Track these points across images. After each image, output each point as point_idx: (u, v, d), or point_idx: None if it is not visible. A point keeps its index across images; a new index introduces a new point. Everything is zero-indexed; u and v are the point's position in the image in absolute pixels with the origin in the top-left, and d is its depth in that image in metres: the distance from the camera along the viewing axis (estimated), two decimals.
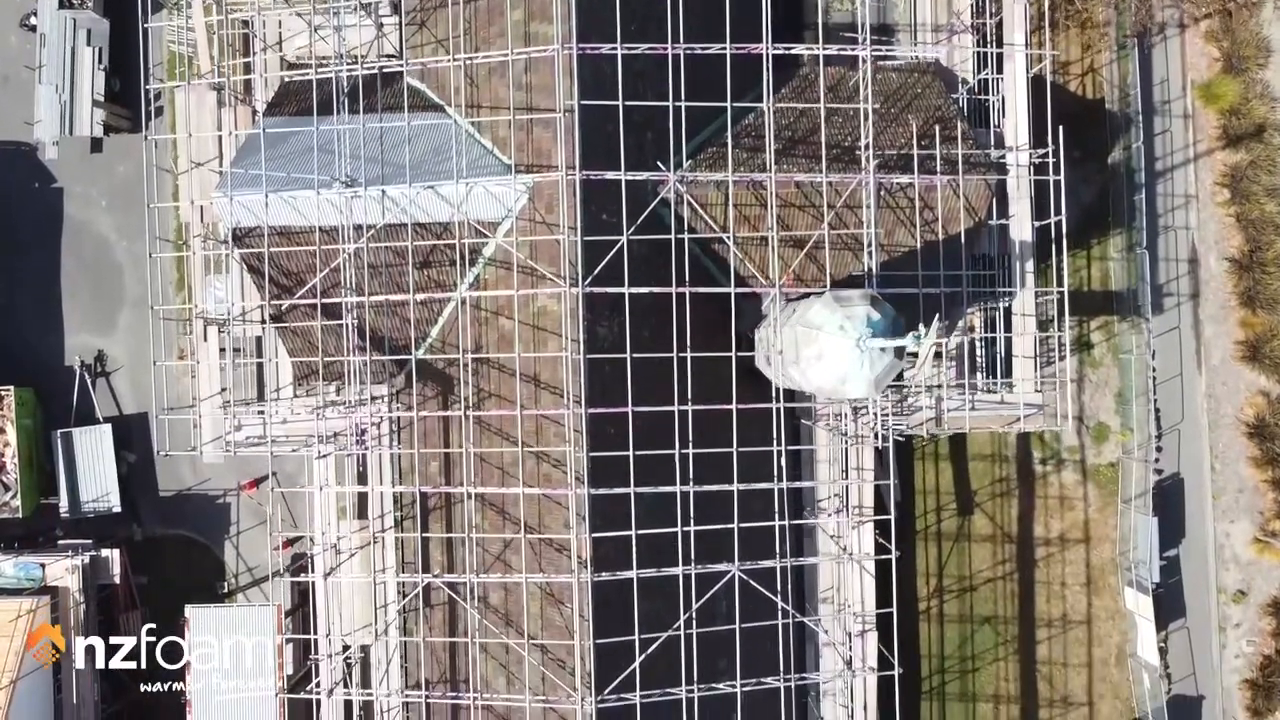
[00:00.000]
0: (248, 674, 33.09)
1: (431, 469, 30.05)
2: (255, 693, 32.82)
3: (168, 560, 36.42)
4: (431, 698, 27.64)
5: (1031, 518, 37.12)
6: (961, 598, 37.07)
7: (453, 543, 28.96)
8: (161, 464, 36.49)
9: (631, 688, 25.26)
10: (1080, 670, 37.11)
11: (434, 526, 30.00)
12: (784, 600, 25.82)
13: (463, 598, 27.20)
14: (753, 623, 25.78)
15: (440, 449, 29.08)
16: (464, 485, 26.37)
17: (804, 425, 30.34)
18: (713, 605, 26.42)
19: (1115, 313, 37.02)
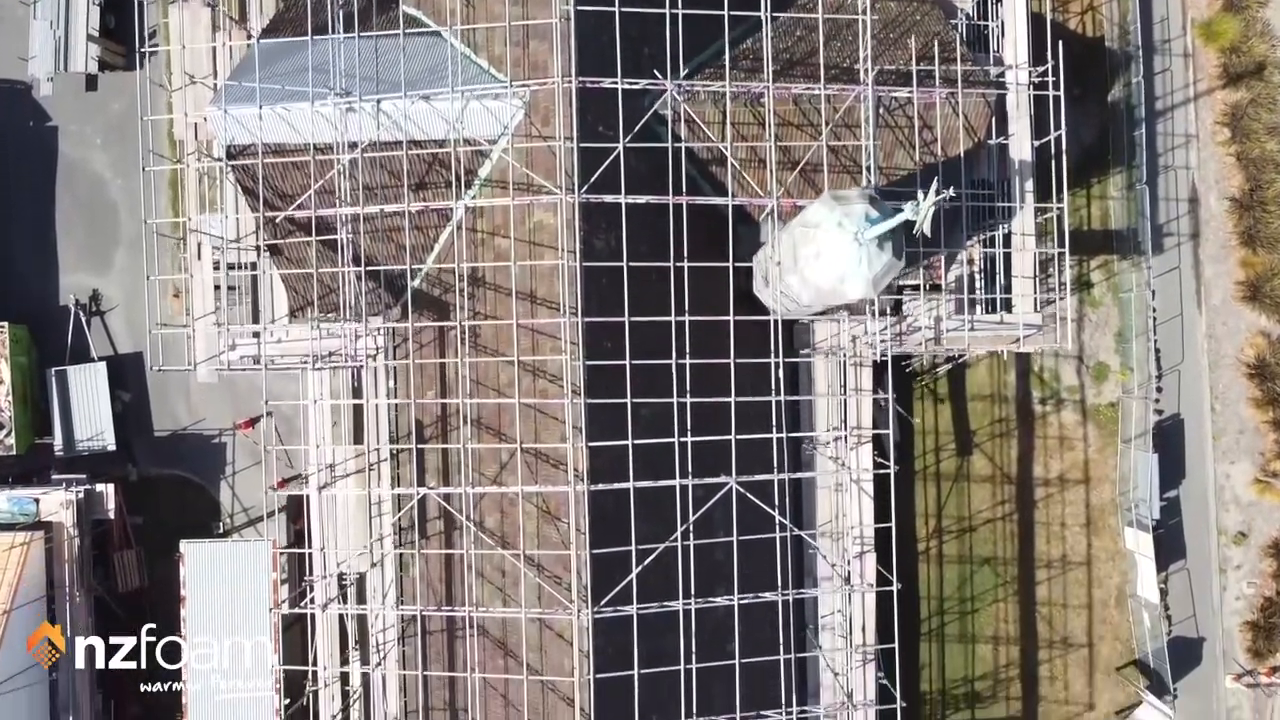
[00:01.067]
0: (243, 609, 32.86)
1: (428, 397, 29.94)
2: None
3: (163, 500, 36.19)
4: (426, 611, 27.42)
5: (1031, 458, 36.93)
6: (961, 539, 36.88)
7: (449, 465, 28.78)
8: (156, 404, 36.34)
9: (628, 601, 25.06)
10: (1080, 611, 36.92)
11: (430, 456, 29.90)
12: (781, 514, 25.65)
13: (458, 510, 26.96)
14: (750, 535, 25.57)
15: (436, 376, 29.01)
16: (459, 397, 26.13)
17: (802, 360, 30.17)
18: (710, 524, 26.25)
19: (1115, 252, 36.83)
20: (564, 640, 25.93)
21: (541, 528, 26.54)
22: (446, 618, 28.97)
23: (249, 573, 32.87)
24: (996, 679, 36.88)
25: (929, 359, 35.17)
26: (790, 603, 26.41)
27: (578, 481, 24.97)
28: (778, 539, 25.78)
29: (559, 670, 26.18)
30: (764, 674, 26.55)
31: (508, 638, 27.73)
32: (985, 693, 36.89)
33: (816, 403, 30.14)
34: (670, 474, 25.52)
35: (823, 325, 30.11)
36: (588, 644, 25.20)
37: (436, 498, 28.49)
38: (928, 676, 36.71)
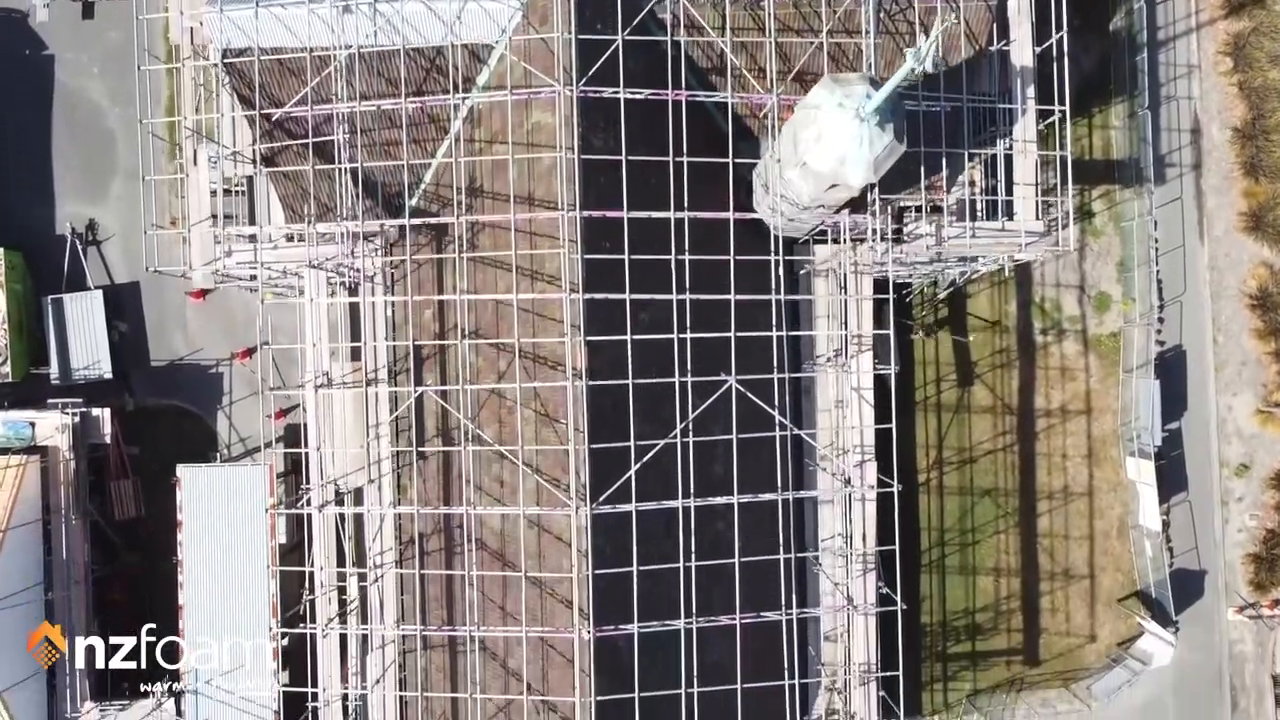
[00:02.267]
0: (239, 535, 32.67)
1: (425, 317, 29.77)
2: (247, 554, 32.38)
3: (160, 430, 36.01)
4: (424, 510, 27.25)
5: (1032, 389, 36.74)
6: (961, 470, 36.68)
7: (446, 378, 28.60)
8: (154, 334, 36.19)
9: (627, 499, 24.87)
10: (1081, 543, 36.73)
11: (427, 378, 29.74)
12: (781, 414, 25.45)
13: (457, 412, 26.76)
14: (748, 433, 25.39)
15: (434, 290, 28.89)
16: (457, 304, 25.92)
17: (801, 276, 30.02)
18: (709, 428, 26.04)
19: (1117, 181, 36.64)
20: (562, 543, 25.74)
21: (540, 431, 26.36)
22: (445, 532, 28.84)
23: (246, 498, 32.72)
24: (997, 611, 36.69)
25: (928, 284, 35.00)
26: (790, 505, 26.17)
27: (576, 378, 24.74)
28: (777, 438, 25.56)
29: (557, 571, 26.00)
30: (764, 578, 26.35)
31: (505, 548, 27.53)
32: (986, 624, 36.69)
33: (817, 320, 29.99)
34: (669, 376, 25.33)
35: (823, 248, 29.97)
36: (586, 543, 24.98)
37: (434, 398, 28.32)
38: (928, 609, 36.52)
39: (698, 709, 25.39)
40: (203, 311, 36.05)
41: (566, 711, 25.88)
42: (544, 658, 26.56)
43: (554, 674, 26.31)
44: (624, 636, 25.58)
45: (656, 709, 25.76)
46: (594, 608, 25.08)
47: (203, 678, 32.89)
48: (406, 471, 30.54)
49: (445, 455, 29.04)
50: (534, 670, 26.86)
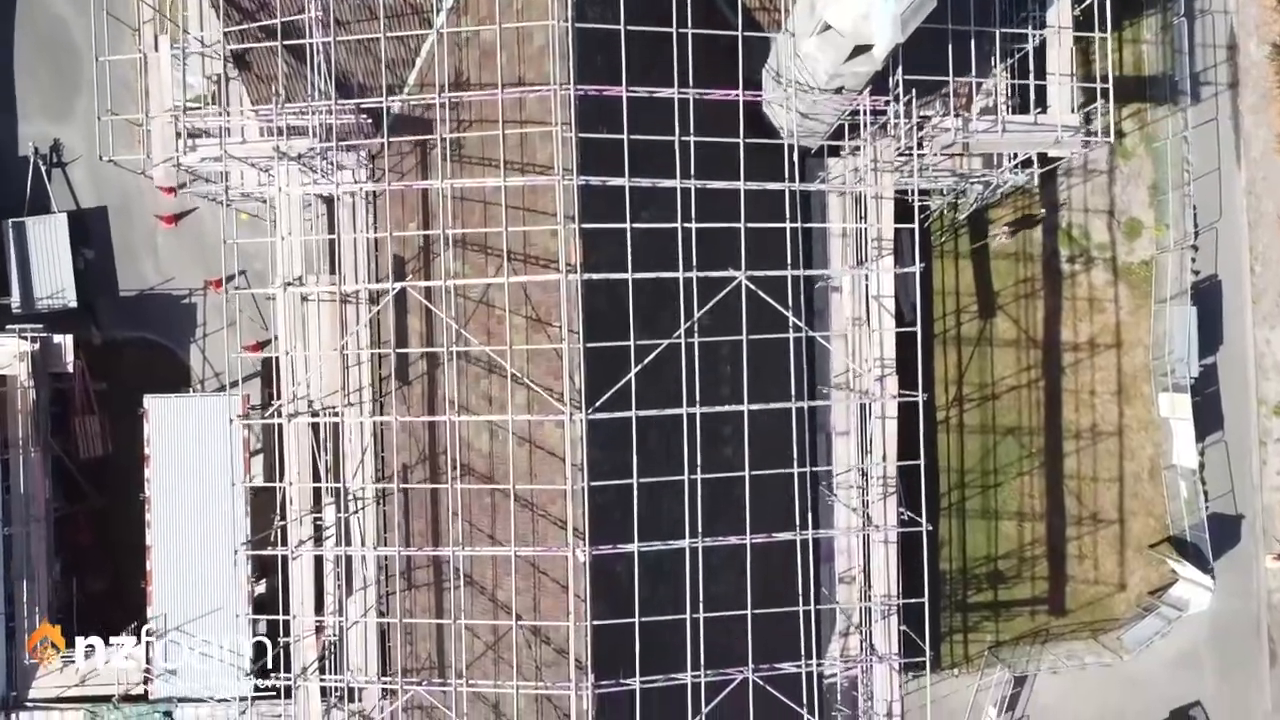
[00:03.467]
0: (212, 470, 30.45)
1: (410, 229, 27.62)
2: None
3: (128, 364, 33.77)
4: (402, 419, 25.05)
5: (1058, 321, 34.52)
6: (983, 407, 34.47)
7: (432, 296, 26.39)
8: (122, 262, 34.01)
9: (624, 406, 22.64)
10: (1111, 485, 34.50)
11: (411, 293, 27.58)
12: (796, 315, 23.23)
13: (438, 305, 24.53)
14: (760, 334, 23.16)
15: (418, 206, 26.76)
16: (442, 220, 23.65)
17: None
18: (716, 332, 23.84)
19: (1148, 99, 34.40)
20: (555, 458, 23.53)
21: (531, 338, 24.12)
22: (429, 461, 26.61)
23: (219, 430, 30.50)
24: (1021, 557, 34.49)
25: (948, 206, 32.77)
26: (805, 420, 23.95)
27: (570, 271, 22.49)
28: (790, 340, 23.34)
29: (551, 491, 23.79)
30: (775, 510, 24.13)
31: (494, 470, 25.31)
32: (1009, 572, 34.51)
33: (831, 240, 27.81)
34: (672, 281, 23.07)
35: (837, 164, 27.81)
36: (581, 455, 22.75)
37: (417, 320, 26.18)
38: (948, 555, 34.31)
39: (703, 642, 23.12)
40: (174, 238, 33.87)
41: (560, 643, 23.65)
42: (536, 586, 24.34)
43: (546, 603, 24.11)
44: (623, 561, 23.37)
45: (658, 642, 23.53)
46: (589, 527, 22.84)
47: (172, 623, 30.80)
48: (388, 400, 28.47)
49: (430, 378, 26.87)
50: (525, 601, 24.64)
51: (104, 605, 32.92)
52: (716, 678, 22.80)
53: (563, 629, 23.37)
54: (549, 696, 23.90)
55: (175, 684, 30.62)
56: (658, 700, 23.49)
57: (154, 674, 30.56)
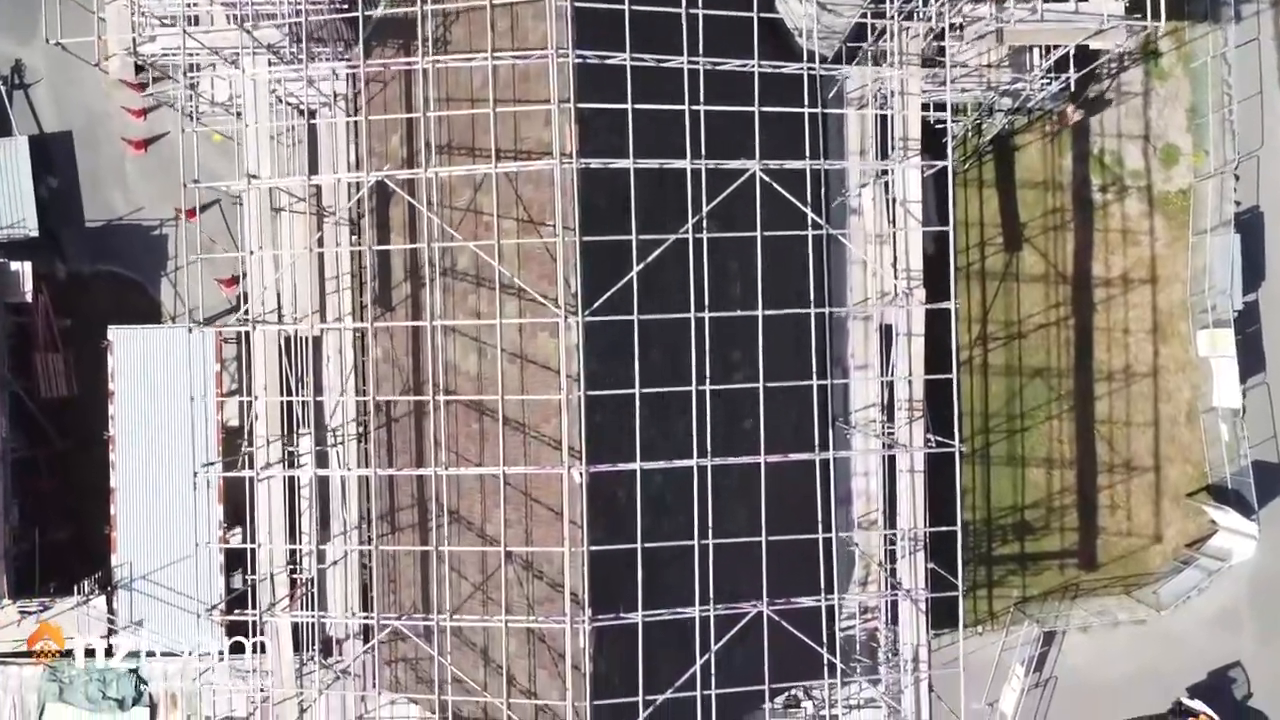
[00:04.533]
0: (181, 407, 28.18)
1: (392, 144, 25.41)
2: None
3: (95, 300, 31.54)
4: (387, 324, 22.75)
5: (1089, 254, 32.31)
6: (1008, 346, 32.27)
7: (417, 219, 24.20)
8: (88, 191, 31.80)
9: (626, 310, 20.41)
10: (1145, 430, 32.28)
11: (393, 211, 25.42)
12: (813, 211, 20.99)
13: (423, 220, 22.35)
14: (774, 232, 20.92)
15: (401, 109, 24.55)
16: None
17: None
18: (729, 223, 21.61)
19: (1186, 16, 32.11)
20: (550, 371, 21.30)
21: (524, 245, 21.88)
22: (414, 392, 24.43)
23: (188, 364, 28.27)
24: (1049, 507, 32.33)
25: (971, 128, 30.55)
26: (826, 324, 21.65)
27: (564, 159, 20.23)
28: (809, 239, 21.09)
29: (544, 409, 21.57)
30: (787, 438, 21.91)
31: (484, 392, 23.08)
32: (1037, 523, 32.34)
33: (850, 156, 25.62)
34: (676, 177, 20.85)
35: (855, 77, 25.60)
36: (577, 365, 20.51)
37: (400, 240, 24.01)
38: (971, 505, 32.07)
39: (712, 579, 20.85)
40: (144, 164, 31.64)
41: (554, 577, 21.42)
42: (528, 516, 22.13)
43: (539, 532, 21.89)
44: (624, 487, 21.15)
45: (661, 581, 21.29)
46: (586, 445, 20.60)
47: (138, 572, 28.64)
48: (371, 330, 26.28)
49: (414, 302, 24.67)
50: (516, 535, 22.43)
51: (68, 555, 30.76)
52: (727, 611, 20.57)
53: (557, 562, 21.16)
54: (542, 636, 21.69)
55: (142, 637, 28.52)
56: (659, 641, 21.25)
57: (118, 626, 28.42)
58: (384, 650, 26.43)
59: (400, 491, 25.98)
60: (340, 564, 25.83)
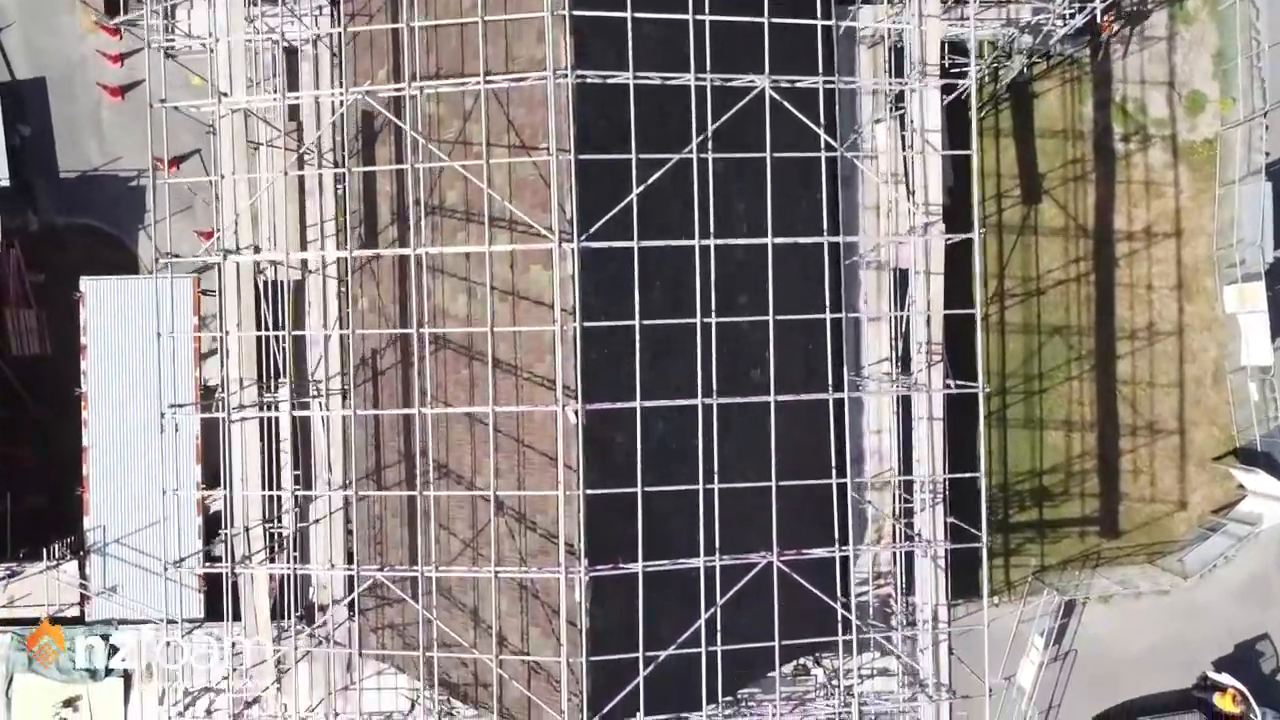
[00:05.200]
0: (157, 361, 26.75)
1: (379, 78, 23.98)
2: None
3: (70, 254, 30.09)
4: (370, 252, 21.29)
5: (1111, 207, 30.83)
6: (1026, 303, 30.81)
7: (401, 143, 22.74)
8: (63, 141, 30.38)
9: (622, 235, 18.95)
10: (1169, 391, 30.80)
11: (379, 150, 24.04)
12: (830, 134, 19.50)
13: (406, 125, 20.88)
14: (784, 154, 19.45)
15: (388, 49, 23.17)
16: None
17: None
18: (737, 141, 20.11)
19: None
20: (543, 306, 19.84)
21: (514, 168, 20.41)
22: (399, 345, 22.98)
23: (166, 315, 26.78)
24: (1069, 472, 30.84)
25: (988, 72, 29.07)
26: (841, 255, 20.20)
27: (559, 75, 18.74)
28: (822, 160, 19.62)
29: (536, 347, 20.12)
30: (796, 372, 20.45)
31: (474, 339, 21.64)
32: (1055, 489, 30.87)
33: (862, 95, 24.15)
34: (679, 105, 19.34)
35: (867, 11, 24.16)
36: (572, 296, 19.04)
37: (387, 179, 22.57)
38: (986, 470, 30.35)
39: (718, 528, 19.42)
40: (122, 113, 30.22)
41: (548, 527, 19.95)
42: (520, 465, 20.69)
43: (532, 481, 20.42)
44: (622, 430, 19.69)
45: (661, 532, 19.82)
46: (582, 383, 19.13)
47: (111, 536, 27.19)
48: (356, 278, 24.95)
49: (400, 244, 23.22)
50: (507, 483, 20.96)
51: (43, 524, 29.27)
52: (734, 562, 19.10)
53: (551, 512, 19.67)
54: (536, 592, 20.24)
55: (115, 604, 27.08)
56: (661, 602, 19.78)
57: (91, 592, 26.97)
58: (370, 618, 25.09)
59: (386, 447, 24.60)
60: (323, 523, 24.41)
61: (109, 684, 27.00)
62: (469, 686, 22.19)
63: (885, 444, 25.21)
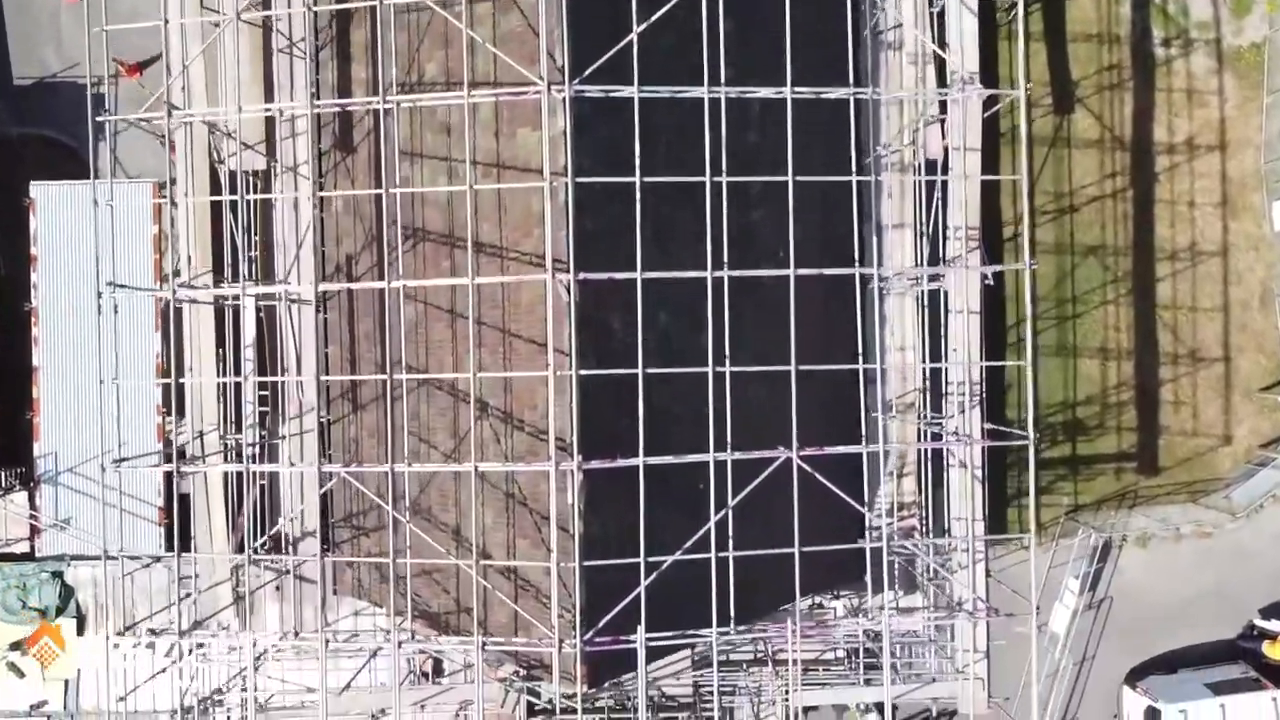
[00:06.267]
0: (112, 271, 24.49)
1: None
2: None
3: (24, 168, 27.74)
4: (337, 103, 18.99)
5: (1150, 117, 28.57)
6: (1059, 222, 28.57)
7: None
8: (17, 47, 28.18)
9: (626, 78, 16.62)
10: (1213, 316, 28.56)
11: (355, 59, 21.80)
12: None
13: None
14: None
15: None
16: None
17: None
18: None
19: None
20: (531, 173, 17.52)
21: (500, 21, 18.11)
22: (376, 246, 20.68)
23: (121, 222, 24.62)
24: (1105, 404, 28.62)
25: None
26: None
27: None
28: None
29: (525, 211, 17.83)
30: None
31: (455, 219, 19.40)
32: (1090, 421, 28.67)
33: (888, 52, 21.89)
34: None
35: None
36: (564, 153, 16.73)
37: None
38: (1015, 401, 28.32)
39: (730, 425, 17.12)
40: (80, 14, 27.78)
41: (538, 422, 17.65)
42: (506, 357, 18.39)
43: (521, 384, 18.09)
44: (620, 315, 17.43)
45: (667, 437, 17.52)
46: (576, 249, 16.83)
47: (64, 463, 24.93)
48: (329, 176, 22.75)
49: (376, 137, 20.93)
50: (493, 384, 18.68)
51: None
52: (748, 456, 16.79)
53: (541, 406, 17.37)
54: (524, 499, 17.93)
55: (67, 538, 24.83)
56: (664, 515, 17.48)
57: (42, 525, 24.72)
58: (344, 551, 22.84)
59: (362, 360, 22.34)
60: (292, 440, 22.13)
61: (61, 624, 24.78)
62: (451, 614, 19.91)
63: (909, 360, 23.05)
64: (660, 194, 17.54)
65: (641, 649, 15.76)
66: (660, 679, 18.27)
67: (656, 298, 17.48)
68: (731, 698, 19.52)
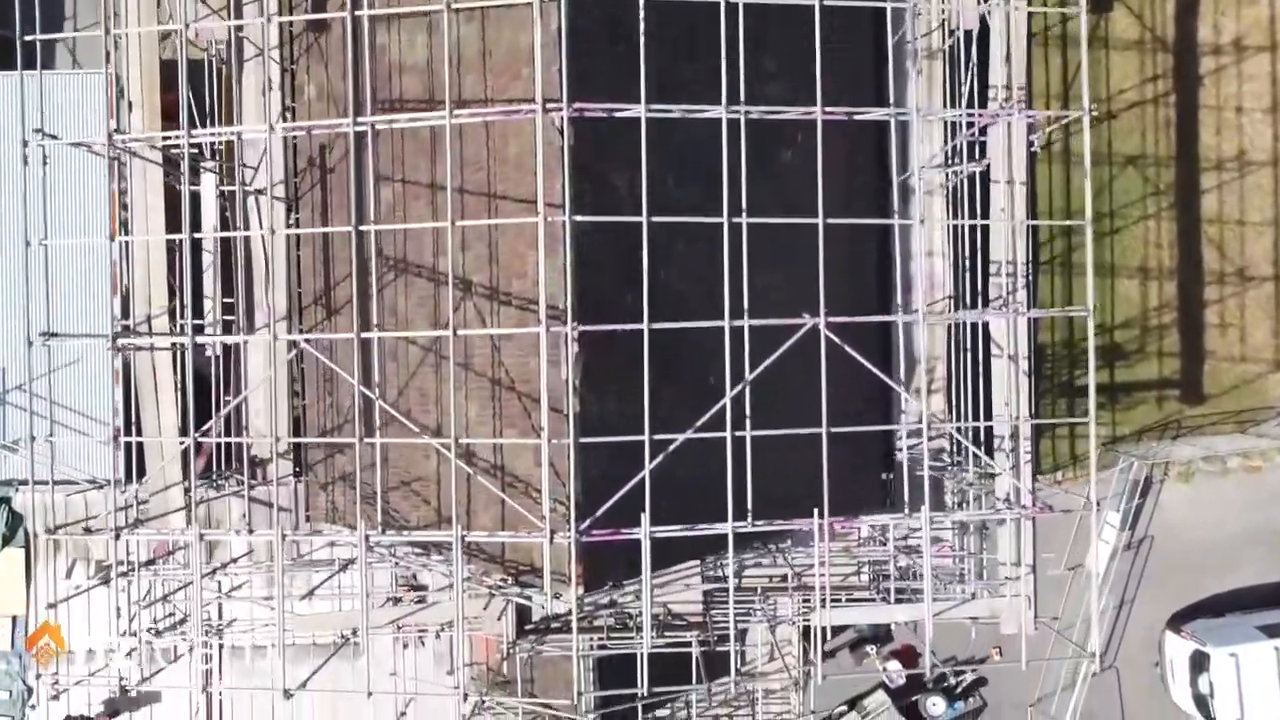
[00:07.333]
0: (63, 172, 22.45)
1: None
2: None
3: None
4: None
5: (1195, 15, 26.44)
6: (1096, 130, 26.15)
7: None
8: None
9: None
10: (1262, 231, 26.44)
11: None
12: None
13: None
14: None
15: None
16: None
17: None
18: None
19: None
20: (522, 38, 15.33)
21: None
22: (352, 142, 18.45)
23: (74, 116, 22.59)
24: (1145, 327, 26.52)
25: None
26: None
27: None
28: None
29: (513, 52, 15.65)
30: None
31: (435, 82, 17.24)
32: (1130, 346, 26.53)
33: None
34: None
35: None
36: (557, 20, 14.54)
37: None
38: (1049, 325, 26.22)
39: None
40: None
41: (527, 290, 15.47)
42: (492, 246, 16.20)
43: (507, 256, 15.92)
44: (621, 171, 15.25)
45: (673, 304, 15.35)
46: (569, 85, 14.63)
47: (12, 380, 22.81)
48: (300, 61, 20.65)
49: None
50: (479, 263, 16.53)
51: None
52: (768, 324, 14.59)
53: (531, 274, 15.20)
54: (512, 383, 15.73)
55: (17, 462, 22.73)
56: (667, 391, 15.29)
57: None
58: (319, 473, 20.71)
59: (337, 260, 20.17)
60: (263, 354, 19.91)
61: (9, 556, 22.66)
62: (432, 525, 17.72)
63: (938, 269, 21.00)
64: (662, 41, 15.37)
65: (646, 539, 13.56)
66: (667, 583, 16.05)
67: (659, 161, 15.26)
68: (746, 618, 17.34)
